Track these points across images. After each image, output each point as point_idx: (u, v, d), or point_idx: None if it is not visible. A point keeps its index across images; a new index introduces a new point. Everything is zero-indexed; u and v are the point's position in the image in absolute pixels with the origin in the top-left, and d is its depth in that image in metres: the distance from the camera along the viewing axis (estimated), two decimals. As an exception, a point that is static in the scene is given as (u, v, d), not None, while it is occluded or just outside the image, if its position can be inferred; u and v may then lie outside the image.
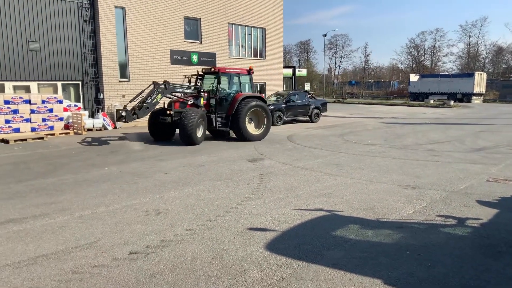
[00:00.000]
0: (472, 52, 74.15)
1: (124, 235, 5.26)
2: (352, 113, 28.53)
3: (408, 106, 39.66)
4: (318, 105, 22.15)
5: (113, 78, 19.01)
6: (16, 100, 15.29)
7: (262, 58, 26.41)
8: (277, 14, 26.92)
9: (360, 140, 14.42)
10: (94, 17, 18.41)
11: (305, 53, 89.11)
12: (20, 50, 16.61)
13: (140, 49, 19.74)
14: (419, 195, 7.16)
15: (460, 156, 11.12)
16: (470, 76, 47.76)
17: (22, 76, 16.79)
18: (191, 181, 8.25)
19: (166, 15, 20.61)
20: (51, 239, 5.15)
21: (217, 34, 23.18)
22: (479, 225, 5.60)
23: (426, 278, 4.05)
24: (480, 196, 7.07)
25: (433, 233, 5.29)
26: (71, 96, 18.63)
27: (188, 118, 12.88)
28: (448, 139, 14.65)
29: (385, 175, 8.78)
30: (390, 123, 21.15)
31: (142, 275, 4.15)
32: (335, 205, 6.54)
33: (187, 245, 4.93)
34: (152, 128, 14.30)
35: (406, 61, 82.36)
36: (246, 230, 5.45)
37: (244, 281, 4.02)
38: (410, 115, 26.87)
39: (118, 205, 6.62)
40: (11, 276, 4.14)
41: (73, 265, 4.39)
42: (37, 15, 16.91)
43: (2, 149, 12.66)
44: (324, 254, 4.66)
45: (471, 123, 21.17)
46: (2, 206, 6.59)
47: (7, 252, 4.74)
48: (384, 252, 4.68)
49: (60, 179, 8.50)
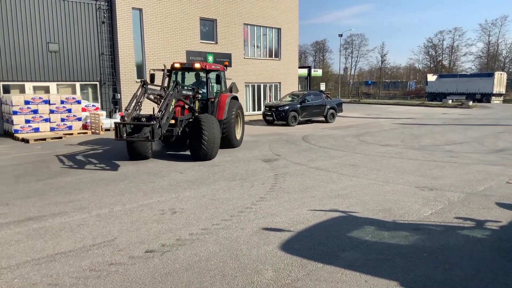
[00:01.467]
0: (492, 52, 72.67)
1: (141, 234, 5.32)
2: (368, 114, 28.28)
3: (425, 106, 39.10)
4: (333, 105, 22.02)
5: (130, 79, 19.26)
6: (36, 100, 15.61)
7: (278, 58, 26.40)
8: (292, 15, 26.86)
9: (376, 141, 14.28)
10: (111, 19, 18.69)
11: (321, 53, 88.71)
12: (40, 51, 16.98)
13: (157, 50, 19.94)
14: (436, 196, 7.05)
15: (479, 157, 10.92)
16: (490, 76, 46.80)
17: (41, 76, 17.16)
18: (206, 181, 8.29)
19: (182, 16, 20.77)
20: (69, 237, 5.24)
21: (233, 34, 23.26)
22: (499, 228, 5.49)
23: (443, 281, 3.99)
24: (500, 198, 6.93)
25: (451, 236, 5.21)
26: (89, 97, 18.95)
27: (211, 130, 10.37)
28: (466, 140, 14.40)
29: (401, 176, 8.68)
30: (407, 124, 20.88)
31: (158, 274, 4.20)
32: (350, 206, 6.49)
33: (202, 244, 4.96)
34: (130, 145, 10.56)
35: (423, 61, 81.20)
36: (260, 230, 5.45)
37: (259, 281, 4.03)
38: (427, 116, 26.50)
39: (135, 204, 6.70)
40: (30, 272, 4.24)
41: (91, 262, 4.46)
42: (56, 17, 17.26)
43: (23, 148, 12.94)
44: (340, 255, 4.63)
45: (490, 124, 20.76)
46: (23, 204, 6.74)
47: (27, 249, 4.84)
48: (401, 254, 4.63)
49: (78, 177, 8.65)
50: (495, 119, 23.92)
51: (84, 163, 10.32)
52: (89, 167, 9.81)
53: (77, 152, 12.03)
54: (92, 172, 9.24)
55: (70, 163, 10.33)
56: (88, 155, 11.57)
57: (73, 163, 10.25)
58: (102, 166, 9.93)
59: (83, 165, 10.06)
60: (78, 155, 11.49)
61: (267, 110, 20.84)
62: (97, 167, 9.81)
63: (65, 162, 10.47)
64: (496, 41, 72.11)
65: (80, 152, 12.13)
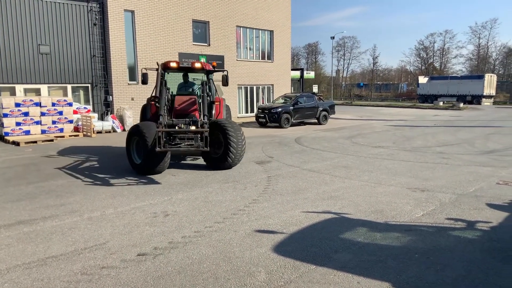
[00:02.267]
0: (482, 54, 73.46)
1: (133, 237, 5.29)
2: (360, 115, 28.42)
3: (417, 108, 39.39)
4: (326, 107, 22.11)
5: (122, 81, 19.17)
6: (27, 102, 15.48)
7: (270, 60, 26.44)
8: (285, 17, 26.94)
9: (369, 143, 14.35)
10: (103, 21, 18.59)
11: (313, 55, 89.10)
12: (31, 53, 16.84)
13: (149, 52, 19.88)
14: (428, 198, 7.10)
15: (470, 158, 11.02)
16: (480, 78, 47.31)
17: (32, 79, 17.01)
18: (199, 183, 8.27)
19: (174, 18, 20.73)
20: (61, 240, 5.20)
21: (225, 36, 23.26)
22: (489, 229, 5.54)
23: (434, 281, 4.02)
24: (490, 199, 7.00)
25: (442, 236, 5.25)
26: (81, 99, 18.82)
27: (239, 137, 9.36)
28: (457, 142, 14.53)
29: (393, 177, 8.73)
30: (399, 126, 21.02)
31: (150, 277, 4.18)
32: (343, 208, 6.52)
33: (195, 247, 4.94)
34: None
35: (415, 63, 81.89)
36: (253, 232, 5.45)
37: (251, 283, 4.02)
38: (419, 117, 26.69)
39: (127, 206, 6.66)
40: (21, 276, 4.19)
41: (82, 266, 4.43)
42: (48, 18, 17.14)
43: (13, 151, 12.81)
44: (332, 257, 4.64)
45: (481, 125, 20.97)
46: (13, 207, 6.67)
47: (18, 253, 4.79)
48: (393, 255, 4.65)
49: (70, 181, 8.58)
50: (486, 120, 24.17)
51: (76, 166, 10.25)
52: (81, 170, 9.74)
53: (69, 155, 11.94)
54: (84, 175, 9.17)
55: (61, 166, 10.24)
56: (80, 158, 11.49)
57: (64, 166, 10.17)
58: (93, 169, 9.86)
59: (74, 168, 9.98)
60: (69, 158, 11.40)
61: (260, 112, 20.87)
62: (88, 170, 9.74)
63: (56, 165, 10.38)
64: (486, 43, 72.99)
65: (71, 155, 12.04)
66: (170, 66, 10.21)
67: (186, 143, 8.28)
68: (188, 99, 10.29)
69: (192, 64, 10.40)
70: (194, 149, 8.13)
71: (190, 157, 11.10)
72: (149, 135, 8.55)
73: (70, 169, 9.77)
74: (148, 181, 8.50)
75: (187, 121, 9.14)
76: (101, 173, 9.30)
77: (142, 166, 8.86)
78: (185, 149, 8.21)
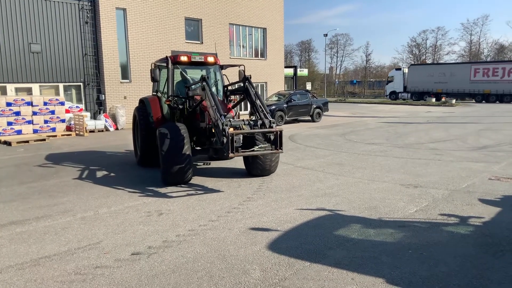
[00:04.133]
0: (474, 51, 73.97)
1: (127, 236, 5.27)
2: (353, 113, 28.50)
3: (409, 105, 39.57)
4: (319, 104, 22.14)
5: (115, 80, 19.05)
6: (18, 102, 15.34)
7: (263, 58, 26.42)
8: (277, 14, 26.92)
9: (362, 140, 14.40)
10: (95, 19, 18.46)
11: (306, 53, 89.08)
12: (22, 52, 16.67)
13: (141, 50, 19.77)
14: (421, 194, 7.14)
15: (462, 154, 11.10)
16: (472, 75, 47.44)
17: (24, 78, 16.85)
18: (192, 182, 8.25)
19: (166, 16, 20.63)
20: (54, 240, 5.16)
21: (218, 34, 23.20)
22: (482, 224, 5.59)
23: (428, 277, 4.05)
24: (483, 194, 7.05)
25: (435, 232, 5.28)
26: (73, 98, 18.68)
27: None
28: (450, 138, 14.62)
29: (387, 174, 8.77)
30: (392, 122, 21.11)
31: (144, 276, 4.16)
32: (337, 205, 6.54)
33: (189, 246, 4.93)
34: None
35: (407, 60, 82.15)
36: (248, 230, 5.45)
37: (246, 281, 4.02)
38: (411, 114, 26.83)
39: (120, 206, 6.63)
40: (14, 277, 4.16)
41: (76, 266, 4.40)
42: (38, 17, 16.97)
43: (5, 151, 12.69)
44: (326, 253, 4.65)
45: (473, 121, 21.12)
46: (5, 208, 6.62)
47: (10, 254, 4.75)
48: (386, 251, 4.68)
49: (62, 180, 8.52)
50: (478, 117, 24.35)
51: (68, 165, 10.17)
52: (73, 169, 9.67)
53: (61, 155, 11.85)
54: (76, 174, 9.11)
55: (54, 165, 10.16)
56: (72, 157, 11.41)
57: (57, 166, 10.10)
58: (86, 168, 9.80)
59: (67, 167, 9.91)
60: (62, 158, 11.32)
61: (253, 110, 20.83)
62: (81, 169, 9.68)
63: (48, 164, 10.31)
64: (478, 40, 73.50)
65: (64, 154, 11.95)
66: (181, 61, 9.17)
67: (261, 146, 7.35)
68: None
69: (204, 58, 9.39)
70: (269, 151, 7.29)
71: (201, 162, 10.17)
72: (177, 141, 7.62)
73: (63, 169, 9.70)
74: (142, 179, 8.46)
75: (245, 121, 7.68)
76: (94, 173, 9.24)
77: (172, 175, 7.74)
78: (261, 152, 7.30)
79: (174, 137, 7.69)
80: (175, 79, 9.34)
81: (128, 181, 8.37)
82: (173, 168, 7.60)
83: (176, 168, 7.60)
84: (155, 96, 9.85)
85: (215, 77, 9.80)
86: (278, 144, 7.15)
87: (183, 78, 9.52)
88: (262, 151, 7.28)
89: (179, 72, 9.45)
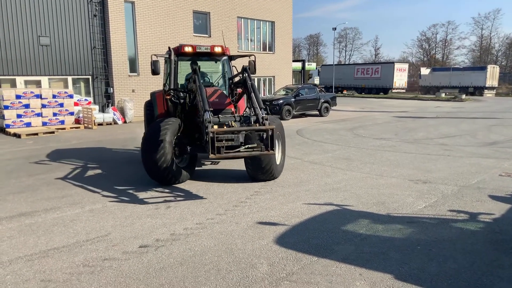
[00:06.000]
0: (485, 45, 73.04)
1: (135, 229, 5.29)
2: (362, 107, 28.32)
3: (419, 100, 39.22)
4: (327, 99, 22.00)
5: (123, 73, 19.10)
6: (28, 94, 15.45)
7: (271, 52, 26.30)
8: (286, 8, 26.74)
9: (370, 134, 14.31)
10: (103, 12, 18.47)
11: (315, 47, 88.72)
12: (31, 45, 16.76)
13: (149, 43, 19.77)
14: (430, 189, 7.08)
15: (472, 150, 10.98)
16: (483, 70, 46.98)
17: (33, 70, 16.95)
18: (200, 176, 8.26)
19: (175, 9, 20.59)
20: (62, 232, 5.20)
21: (226, 28, 23.11)
22: (492, 220, 5.52)
23: (437, 273, 4.01)
24: (493, 191, 6.97)
25: (445, 228, 5.23)
26: (81, 91, 18.77)
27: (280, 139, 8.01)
28: (459, 133, 14.47)
29: (395, 169, 8.70)
30: (401, 117, 20.95)
31: (152, 268, 4.17)
32: (344, 200, 6.50)
33: (196, 239, 4.94)
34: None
35: (417, 55, 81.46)
36: (255, 224, 5.44)
37: (253, 275, 4.02)
38: (421, 109, 26.60)
39: (128, 198, 6.66)
40: (23, 268, 4.19)
41: (84, 258, 4.43)
42: (48, 10, 17.02)
43: (14, 143, 12.81)
44: (334, 248, 4.63)
45: (483, 117, 20.88)
46: (14, 199, 6.68)
47: (19, 245, 4.80)
48: (395, 247, 4.64)
49: (71, 173, 8.57)
50: (488, 112, 24.07)
51: (77, 158, 10.24)
52: (82, 162, 9.73)
53: (70, 147, 11.93)
54: (85, 167, 9.17)
55: (63, 158, 10.23)
56: (81, 150, 11.48)
57: (66, 158, 10.16)
58: (94, 161, 9.85)
59: (75, 160, 9.97)
60: (70, 150, 11.39)
61: (261, 104, 20.76)
62: (89, 162, 9.73)
63: (57, 157, 10.38)
64: (489, 34, 72.54)
65: (72, 147, 12.02)
66: (185, 51, 8.48)
67: (248, 146, 6.44)
68: (215, 91, 8.29)
69: (211, 48, 8.60)
70: (258, 152, 6.39)
71: (208, 161, 9.65)
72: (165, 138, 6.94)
73: (71, 161, 9.76)
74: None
75: (237, 117, 7.18)
76: (102, 165, 9.29)
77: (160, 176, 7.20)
78: (247, 153, 6.37)
79: (150, 137, 7.05)
80: (185, 71, 8.96)
81: (136, 175, 8.39)
82: (150, 169, 7.09)
83: (153, 169, 7.01)
84: (162, 91, 9.65)
85: (223, 69, 9.27)
86: (269, 144, 6.27)
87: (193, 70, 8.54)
88: (248, 153, 6.38)
89: (190, 64, 8.91)
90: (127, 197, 6.76)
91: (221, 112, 7.59)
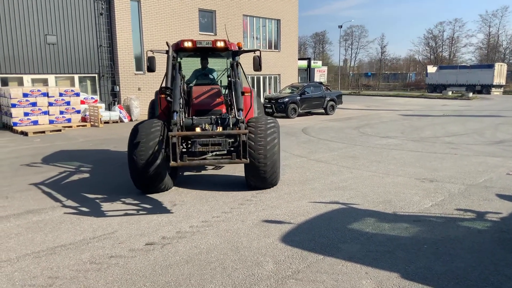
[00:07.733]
0: (492, 43, 72.33)
1: (141, 226, 5.31)
2: (368, 105, 28.20)
3: (425, 98, 38.98)
4: (333, 97, 21.93)
5: (129, 71, 19.16)
6: (35, 93, 15.55)
7: (277, 50, 26.26)
8: (292, 6, 26.68)
9: (376, 133, 14.25)
10: (110, 10, 18.54)
11: (320, 45, 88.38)
12: (38, 43, 16.87)
13: (155, 41, 19.80)
14: (437, 188, 7.04)
15: (479, 149, 10.90)
16: (490, 67, 46.56)
17: (40, 69, 17.06)
18: (205, 173, 8.27)
19: (180, 8, 20.62)
20: (69, 229, 5.23)
21: (232, 26, 23.10)
22: (499, 219, 5.48)
23: (444, 272, 3.99)
24: (500, 189, 6.91)
25: (452, 227, 5.20)
26: (88, 89, 18.87)
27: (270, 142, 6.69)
28: (466, 132, 14.37)
29: (402, 168, 8.66)
30: (407, 115, 20.83)
31: (158, 266, 4.19)
32: (351, 198, 6.48)
33: (202, 237, 4.95)
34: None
35: (423, 52, 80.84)
36: (261, 222, 5.44)
37: (259, 273, 4.02)
38: (427, 107, 26.43)
39: (135, 196, 6.68)
40: (31, 265, 4.23)
41: (91, 255, 4.46)
42: (54, 8, 17.12)
43: (22, 141, 12.90)
44: (340, 247, 4.62)
45: (490, 115, 20.71)
46: (22, 197, 6.73)
47: (27, 242, 4.83)
48: (401, 246, 4.62)
49: (78, 170, 8.62)
50: (495, 110, 23.86)
51: (84, 155, 10.29)
52: (89, 160, 9.78)
53: (77, 145, 11.99)
54: (92, 164, 9.21)
55: (69, 156, 10.29)
56: (87, 148, 11.54)
57: (72, 156, 10.22)
58: (101, 158, 9.90)
59: (82, 158, 10.03)
60: (77, 148, 11.45)
61: (266, 102, 20.75)
62: (97, 159, 9.78)
63: (64, 155, 10.44)
64: (497, 32, 71.79)
65: (79, 145, 12.09)
66: (184, 47, 7.63)
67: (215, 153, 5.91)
68: (209, 90, 7.72)
69: (213, 43, 7.62)
70: (228, 161, 5.71)
71: (210, 167, 9.05)
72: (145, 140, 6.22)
73: (78, 159, 9.82)
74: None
75: (213, 119, 6.62)
76: (108, 163, 9.33)
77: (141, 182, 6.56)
78: (214, 161, 5.82)
79: (134, 138, 6.36)
80: (194, 67, 8.46)
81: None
82: (135, 175, 6.43)
83: (137, 174, 6.35)
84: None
85: (227, 66, 8.73)
86: (241, 151, 5.56)
87: (203, 67, 8.59)
88: (217, 161, 5.80)
89: (199, 60, 8.55)
90: (134, 194, 6.78)
91: (210, 112, 7.17)
